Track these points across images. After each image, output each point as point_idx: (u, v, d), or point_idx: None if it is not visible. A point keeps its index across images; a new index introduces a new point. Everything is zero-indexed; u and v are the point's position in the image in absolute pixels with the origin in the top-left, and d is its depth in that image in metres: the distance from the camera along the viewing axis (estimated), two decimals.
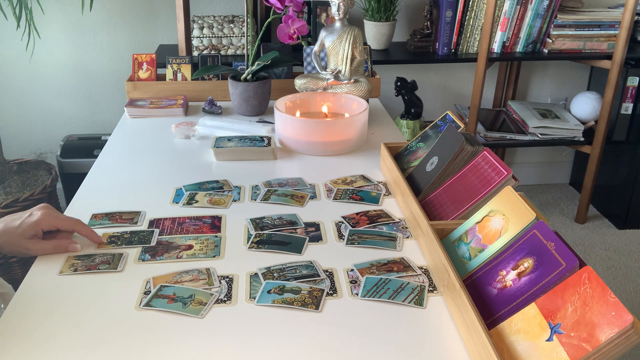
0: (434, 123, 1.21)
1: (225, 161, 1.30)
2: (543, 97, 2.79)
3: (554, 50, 2.34)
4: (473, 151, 1.01)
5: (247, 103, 1.54)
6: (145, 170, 1.25)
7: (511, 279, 0.75)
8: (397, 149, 1.24)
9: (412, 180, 1.10)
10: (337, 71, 1.47)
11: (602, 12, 2.34)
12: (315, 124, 1.32)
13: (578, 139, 2.47)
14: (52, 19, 2.35)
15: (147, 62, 1.67)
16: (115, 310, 0.80)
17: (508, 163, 2.89)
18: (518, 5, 2.26)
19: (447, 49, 2.36)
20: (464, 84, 2.70)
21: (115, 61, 2.46)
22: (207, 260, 0.92)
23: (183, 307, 0.80)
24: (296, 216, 1.06)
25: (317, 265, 0.90)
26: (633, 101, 2.42)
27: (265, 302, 0.82)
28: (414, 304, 0.82)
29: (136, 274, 0.88)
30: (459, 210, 0.94)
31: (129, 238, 0.98)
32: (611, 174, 2.62)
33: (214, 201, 1.11)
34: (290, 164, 1.30)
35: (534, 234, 0.76)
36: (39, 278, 0.87)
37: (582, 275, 0.65)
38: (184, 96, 1.64)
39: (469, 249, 0.85)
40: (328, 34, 1.48)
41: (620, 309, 0.60)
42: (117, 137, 1.44)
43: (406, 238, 0.99)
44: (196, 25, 2.23)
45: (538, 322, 0.66)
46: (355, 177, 1.23)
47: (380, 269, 0.89)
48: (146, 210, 1.07)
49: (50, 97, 2.49)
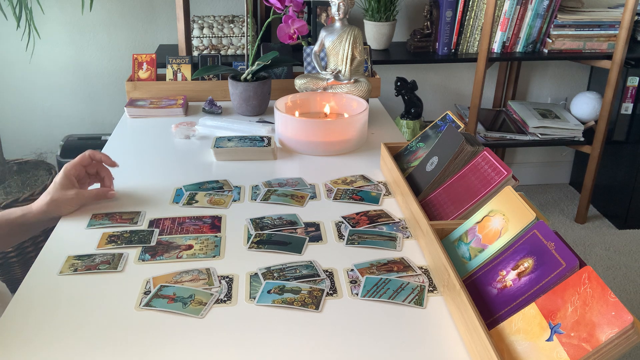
0: (434, 123, 1.21)
1: (225, 161, 1.30)
2: (543, 97, 2.78)
3: (554, 50, 2.34)
4: (473, 151, 1.01)
5: (247, 103, 1.54)
6: (145, 170, 1.25)
7: (511, 279, 0.75)
8: (397, 149, 1.24)
9: (412, 180, 1.10)
10: (337, 71, 1.47)
11: (602, 12, 2.33)
12: (315, 124, 1.32)
13: (578, 139, 2.47)
14: (52, 19, 2.35)
15: (147, 62, 1.67)
16: (115, 310, 0.80)
17: (508, 163, 2.89)
18: (518, 5, 2.26)
19: (447, 49, 2.35)
20: (464, 84, 2.70)
21: (115, 61, 2.46)
22: (207, 260, 0.92)
23: (183, 307, 0.80)
24: (296, 216, 1.06)
25: (317, 265, 0.90)
26: (633, 101, 2.42)
27: (265, 302, 0.82)
28: (414, 304, 0.82)
29: (136, 274, 0.88)
30: (459, 210, 0.94)
31: (129, 238, 0.98)
32: (611, 174, 2.62)
33: (214, 201, 1.11)
34: (290, 164, 1.30)
35: (534, 234, 0.76)
36: (39, 278, 0.87)
37: (582, 275, 0.65)
38: (184, 96, 1.64)
39: (469, 249, 0.85)
40: (328, 34, 1.48)
41: (620, 309, 0.60)
42: (117, 137, 1.44)
43: (406, 238, 0.99)
44: (196, 25, 2.23)
45: (538, 322, 0.66)
46: (355, 177, 1.22)
47: (380, 269, 0.89)
48: (146, 210, 1.07)
49: (50, 97, 2.49)
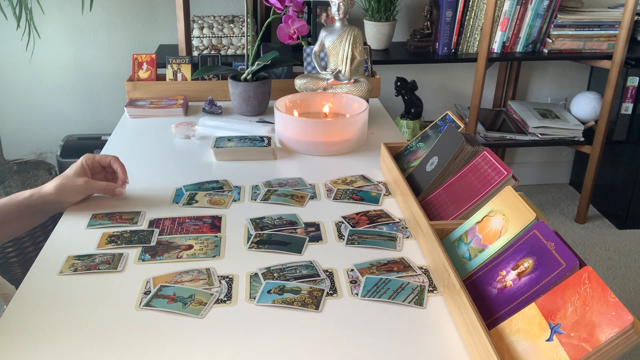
0: (434, 123, 1.21)
1: (225, 161, 1.30)
2: (543, 97, 2.78)
3: (554, 50, 2.34)
4: (473, 151, 1.01)
5: (247, 103, 1.54)
6: (145, 170, 1.25)
7: (511, 279, 0.75)
8: (397, 149, 1.23)
9: (412, 180, 1.10)
10: (337, 71, 1.47)
11: (602, 12, 2.33)
12: (315, 124, 1.32)
13: (578, 139, 2.47)
14: (52, 19, 2.35)
15: (147, 62, 1.67)
16: (115, 310, 0.80)
17: (508, 163, 2.89)
18: (518, 5, 2.26)
19: (447, 49, 2.35)
20: (464, 84, 2.70)
21: (115, 61, 2.46)
22: (207, 260, 0.92)
23: (183, 307, 0.80)
24: (296, 216, 1.06)
25: (317, 265, 0.90)
26: (633, 101, 2.42)
27: (265, 302, 0.82)
28: (414, 304, 0.82)
29: (136, 274, 0.88)
30: (459, 210, 0.94)
31: (129, 238, 0.98)
32: (611, 174, 2.62)
33: (214, 201, 1.11)
34: (290, 164, 1.30)
35: (534, 234, 0.76)
36: (39, 278, 0.87)
37: (582, 275, 0.65)
38: (184, 96, 1.64)
39: (469, 249, 0.85)
40: (328, 34, 1.48)
41: (620, 309, 0.60)
42: (117, 137, 1.44)
43: (406, 238, 0.99)
44: (196, 25, 2.23)
45: (538, 322, 0.66)
46: (355, 177, 1.22)
47: (380, 269, 0.89)
48: (146, 210, 1.07)
49: (50, 97, 2.49)
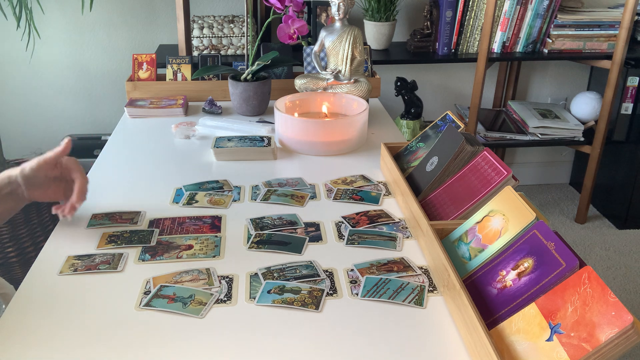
0: (434, 123, 1.21)
1: (225, 161, 1.30)
2: (543, 97, 2.78)
3: (554, 50, 2.34)
4: (473, 151, 1.01)
5: (247, 103, 1.54)
6: (145, 170, 1.25)
7: (511, 279, 0.75)
8: (397, 149, 1.23)
9: (412, 180, 1.10)
10: (337, 71, 1.47)
11: (602, 12, 2.33)
12: (315, 124, 1.32)
13: (578, 139, 2.47)
14: (52, 19, 2.35)
15: (147, 62, 1.67)
16: (115, 310, 0.80)
17: (508, 163, 2.89)
18: (518, 5, 2.26)
19: (447, 49, 2.35)
20: (464, 84, 2.70)
21: (115, 61, 2.46)
22: (207, 260, 0.92)
23: (183, 307, 0.80)
24: (296, 216, 1.06)
25: (317, 265, 0.90)
26: (633, 101, 2.42)
27: (265, 302, 0.82)
28: (414, 304, 0.82)
29: (136, 274, 0.88)
30: (459, 210, 0.94)
31: (129, 238, 0.98)
32: (611, 174, 2.62)
33: (214, 201, 1.11)
34: (290, 164, 1.30)
35: (534, 234, 0.76)
36: (39, 278, 0.87)
37: (582, 275, 0.65)
38: (184, 96, 1.64)
39: (469, 249, 0.85)
40: (328, 34, 1.48)
41: (620, 309, 0.60)
42: (117, 137, 1.44)
43: (406, 238, 0.99)
44: (196, 25, 2.23)
45: (538, 322, 0.66)
46: (355, 177, 1.22)
47: (380, 269, 0.89)
48: (146, 210, 1.07)
49: (50, 97, 2.49)
